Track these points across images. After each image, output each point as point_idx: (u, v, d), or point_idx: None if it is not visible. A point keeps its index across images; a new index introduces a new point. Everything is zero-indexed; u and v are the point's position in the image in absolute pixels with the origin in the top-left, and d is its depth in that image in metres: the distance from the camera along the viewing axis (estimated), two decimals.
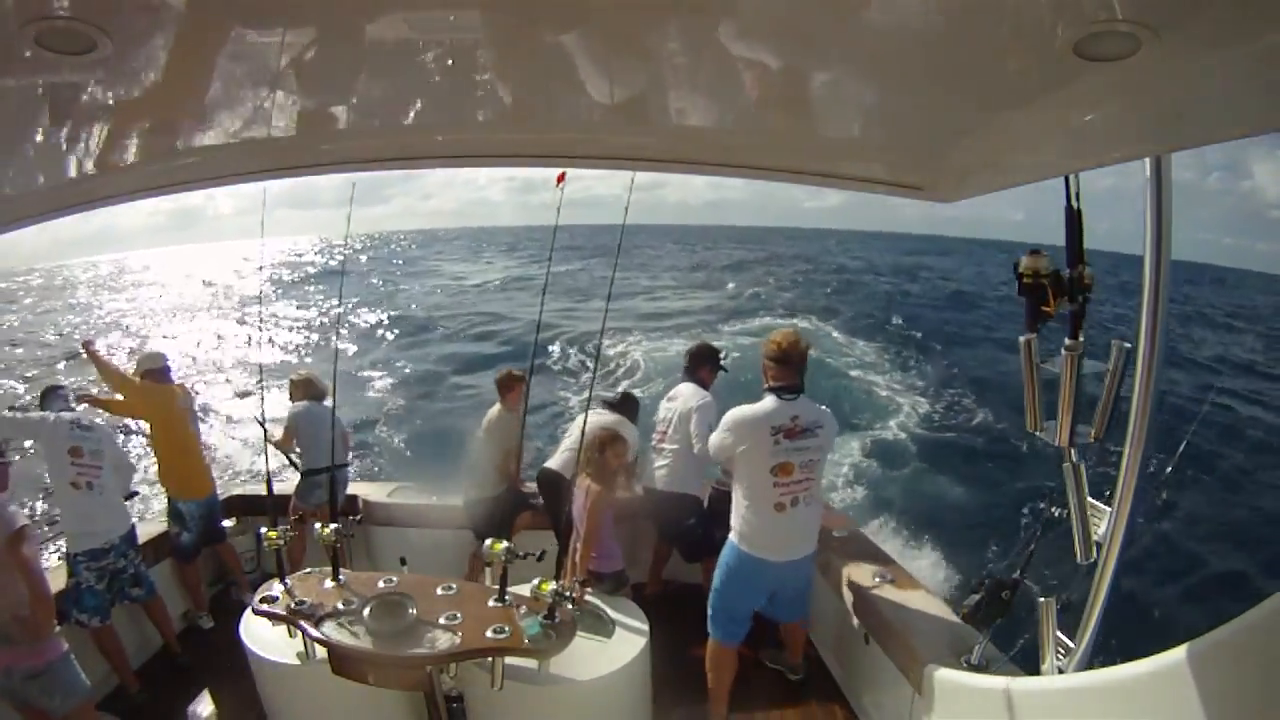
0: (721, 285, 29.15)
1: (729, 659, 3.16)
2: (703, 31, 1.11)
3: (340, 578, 2.75)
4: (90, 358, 4.13)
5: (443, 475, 4.75)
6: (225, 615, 3.88)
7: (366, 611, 2.43)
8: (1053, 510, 2.19)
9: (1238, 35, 0.88)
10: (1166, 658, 1.51)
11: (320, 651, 2.45)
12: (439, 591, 2.64)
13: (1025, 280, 1.78)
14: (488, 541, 2.59)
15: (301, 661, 2.59)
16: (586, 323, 17.17)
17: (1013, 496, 8.11)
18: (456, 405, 12.37)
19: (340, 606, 2.54)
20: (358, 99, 1.44)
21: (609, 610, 2.90)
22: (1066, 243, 1.72)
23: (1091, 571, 1.99)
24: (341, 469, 4.43)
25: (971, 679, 2.41)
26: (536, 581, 2.51)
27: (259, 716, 2.86)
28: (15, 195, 1.70)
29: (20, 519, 2.53)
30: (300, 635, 2.52)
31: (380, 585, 2.69)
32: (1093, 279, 1.72)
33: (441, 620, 2.44)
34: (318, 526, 2.85)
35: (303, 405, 4.52)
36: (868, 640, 3.14)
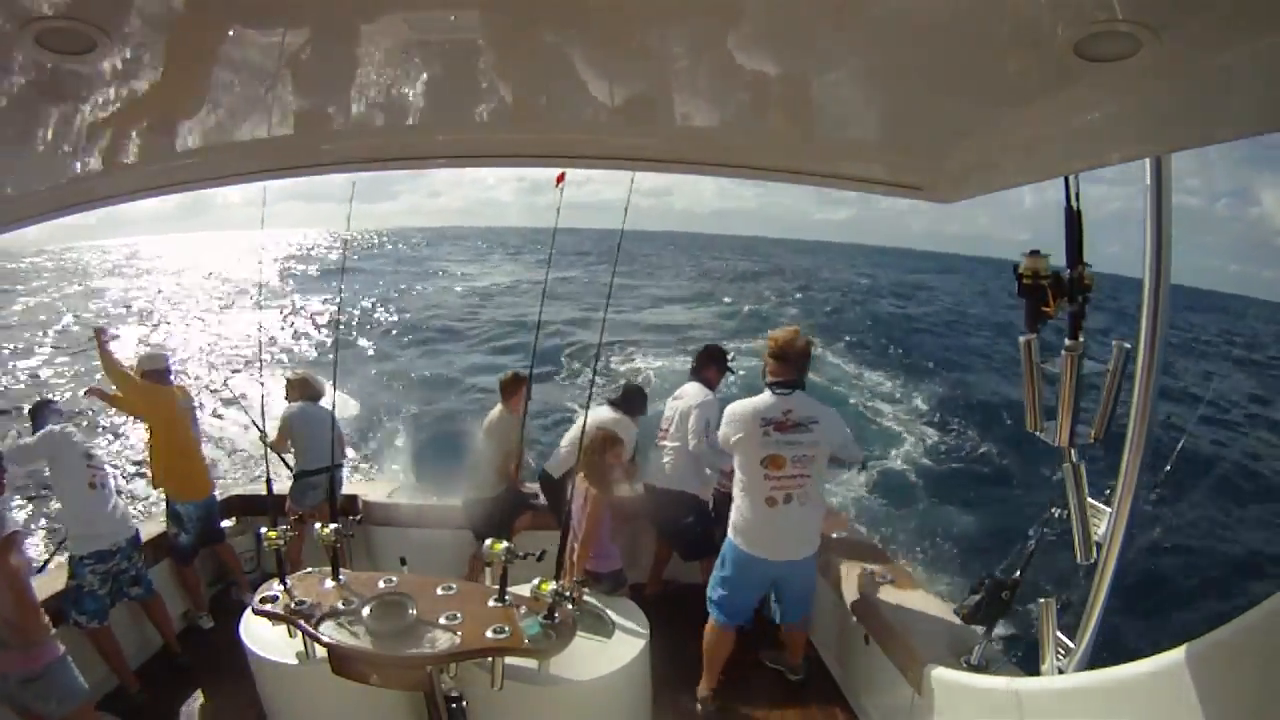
0: (725, 297, 29.06)
1: (725, 638, 3.22)
2: (703, 32, 1.11)
3: (340, 578, 2.75)
4: (99, 348, 4.05)
5: (443, 476, 4.75)
6: (225, 615, 3.87)
7: (366, 611, 2.43)
8: (1053, 510, 2.20)
9: (1238, 35, 0.88)
10: (1166, 658, 1.52)
11: (320, 651, 2.44)
12: (439, 591, 2.63)
13: (1025, 281, 1.78)
14: (488, 542, 2.58)
15: (301, 661, 2.58)
16: (597, 333, 17.03)
17: (1019, 509, 7.95)
18: (461, 408, 12.33)
19: (340, 606, 2.53)
20: (358, 99, 1.44)
21: (609, 610, 2.90)
22: (1066, 243, 1.72)
23: (1091, 571, 1.99)
24: (337, 469, 4.42)
25: (971, 679, 2.41)
26: (536, 581, 2.51)
27: (259, 716, 2.86)
28: (16, 195, 1.70)
29: (10, 525, 2.51)
30: (300, 635, 2.51)
31: (380, 585, 2.68)
32: (1093, 279, 1.72)
33: (441, 620, 2.43)
34: (317, 526, 2.84)
35: (297, 406, 4.51)
36: (868, 640, 3.14)
